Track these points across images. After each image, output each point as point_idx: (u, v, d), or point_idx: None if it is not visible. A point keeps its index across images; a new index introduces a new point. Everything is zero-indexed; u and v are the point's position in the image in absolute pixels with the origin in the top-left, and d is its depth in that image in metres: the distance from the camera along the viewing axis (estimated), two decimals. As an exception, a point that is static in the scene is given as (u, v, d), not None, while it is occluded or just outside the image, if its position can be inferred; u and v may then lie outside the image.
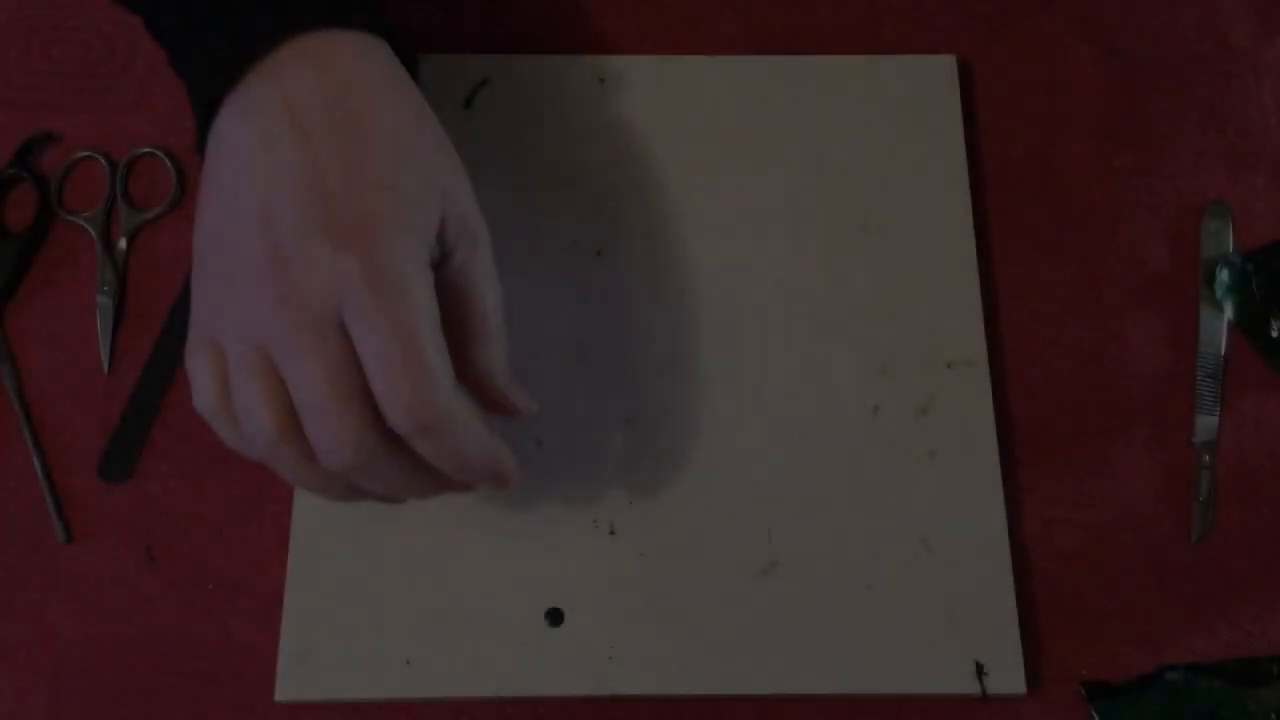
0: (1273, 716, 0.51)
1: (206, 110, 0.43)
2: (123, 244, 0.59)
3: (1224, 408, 0.57)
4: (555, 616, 0.51)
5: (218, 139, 0.42)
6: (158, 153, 0.60)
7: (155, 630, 0.52)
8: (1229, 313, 0.58)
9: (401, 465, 0.41)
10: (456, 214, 0.42)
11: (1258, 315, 0.57)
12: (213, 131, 0.43)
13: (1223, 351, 0.57)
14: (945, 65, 0.61)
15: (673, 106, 0.60)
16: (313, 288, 0.39)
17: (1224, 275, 0.58)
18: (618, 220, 0.58)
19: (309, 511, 0.53)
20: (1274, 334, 0.57)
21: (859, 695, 0.51)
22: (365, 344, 0.39)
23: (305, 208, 0.39)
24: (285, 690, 0.50)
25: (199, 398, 0.42)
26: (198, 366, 0.42)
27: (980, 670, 0.51)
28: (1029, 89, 0.62)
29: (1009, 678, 0.51)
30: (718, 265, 0.57)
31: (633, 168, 0.59)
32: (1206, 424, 0.56)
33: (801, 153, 0.59)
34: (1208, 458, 0.56)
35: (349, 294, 0.39)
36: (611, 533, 0.53)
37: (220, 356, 0.41)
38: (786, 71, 0.61)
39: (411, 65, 0.43)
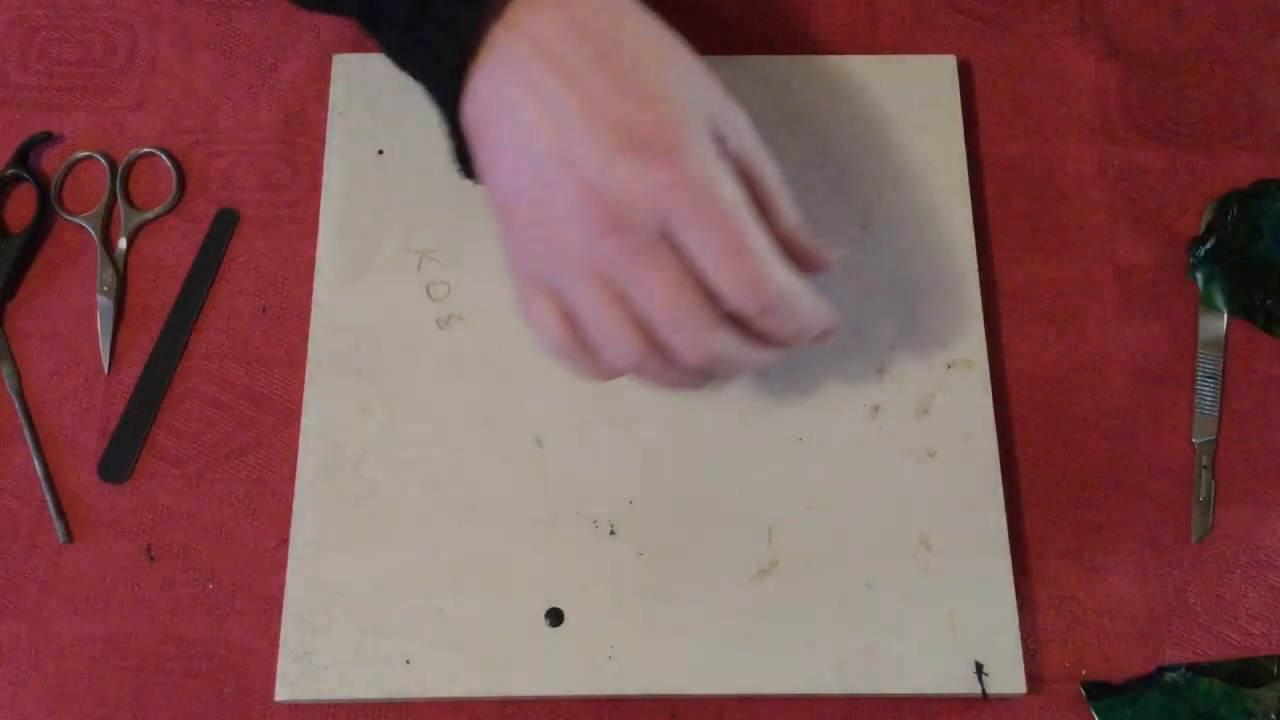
0: (1273, 716, 0.51)
1: (455, 85, 0.44)
2: (123, 244, 0.59)
3: (1224, 408, 0.57)
4: (555, 616, 0.51)
5: (482, 105, 0.43)
6: (158, 153, 0.60)
7: (155, 630, 0.52)
8: (1220, 303, 0.58)
9: (748, 344, 0.44)
10: (717, 104, 0.44)
11: (1244, 296, 0.58)
12: (471, 100, 0.44)
13: (1223, 351, 0.57)
14: (945, 65, 0.61)
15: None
16: (635, 209, 0.41)
17: (1199, 273, 0.58)
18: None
19: (309, 511, 0.53)
20: (1268, 304, 0.57)
21: (859, 695, 0.51)
22: (697, 245, 0.41)
23: (599, 138, 0.41)
24: (285, 690, 0.50)
25: (548, 339, 0.44)
26: (539, 311, 0.44)
27: (980, 670, 0.51)
28: (1029, 89, 0.62)
29: (1009, 678, 0.51)
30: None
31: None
32: (1206, 424, 0.56)
33: (802, 153, 0.59)
34: (1207, 458, 0.56)
35: (670, 204, 0.41)
36: (611, 533, 0.53)
37: (555, 296, 0.44)
38: (787, 71, 0.61)
39: None
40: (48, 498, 0.54)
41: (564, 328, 0.44)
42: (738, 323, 0.43)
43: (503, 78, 0.42)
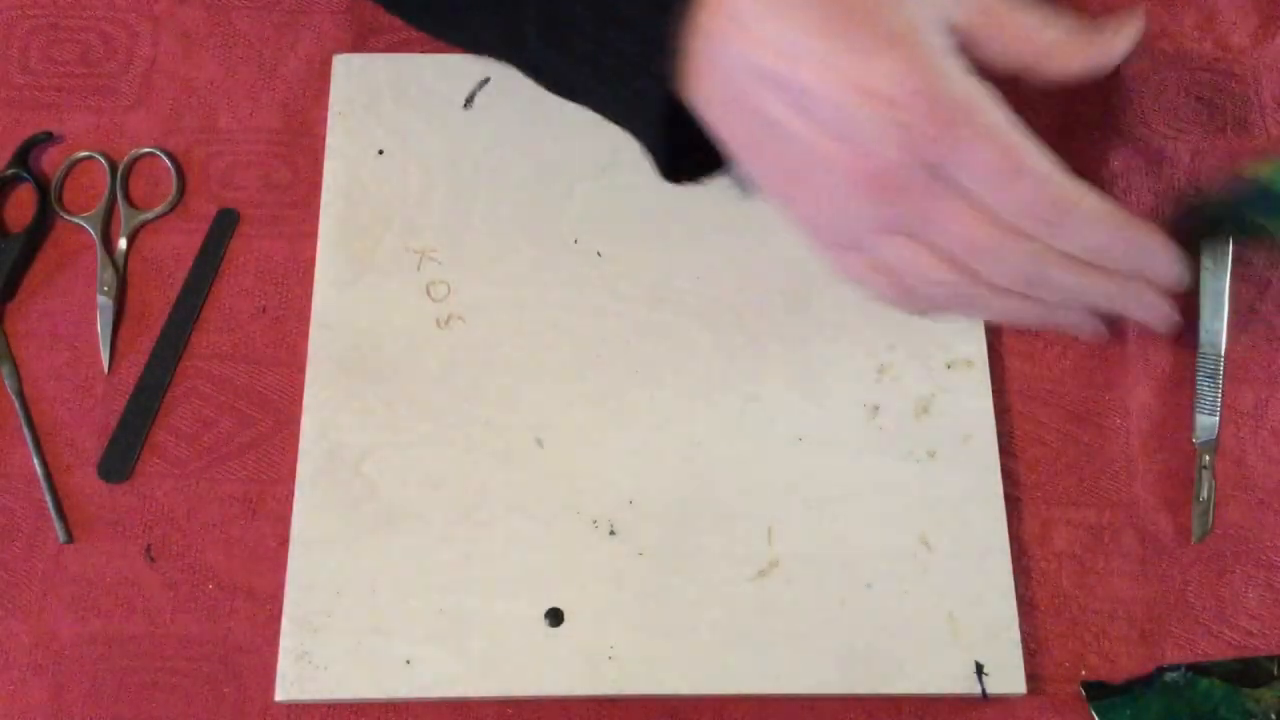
0: (1273, 716, 0.51)
1: (660, 102, 0.42)
2: (123, 244, 0.59)
3: (1224, 408, 0.57)
4: (555, 616, 0.51)
5: (713, 108, 0.42)
6: (158, 153, 0.60)
7: (155, 630, 0.52)
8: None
9: (1063, 261, 0.43)
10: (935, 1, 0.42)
11: None
12: (697, 103, 0.42)
13: (1222, 351, 0.57)
14: (945, 65, 0.61)
15: (673, 106, 0.60)
16: (907, 166, 0.39)
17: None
18: (618, 220, 0.58)
19: (309, 511, 0.53)
20: None
21: (859, 695, 0.51)
22: (977, 180, 0.40)
23: (846, 108, 0.39)
24: (285, 690, 0.50)
25: (873, 293, 0.45)
26: (855, 271, 0.45)
27: (980, 670, 0.51)
28: (1028, 88, 0.62)
29: (1009, 678, 0.51)
30: (718, 265, 0.57)
31: (633, 168, 0.59)
32: (1206, 424, 0.56)
33: (801, 153, 0.59)
34: (1208, 458, 0.56)
35: (937, 149, 0.39)
36: (611, 533, 0.53)
37: (864, 253, 0.43)
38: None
39: None
40: (48, 498, 0.54)
41: (883, 280, 0.44)
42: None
43: (721, 73, 0.40)
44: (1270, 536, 0.55)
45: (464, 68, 0.61)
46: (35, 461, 0.55)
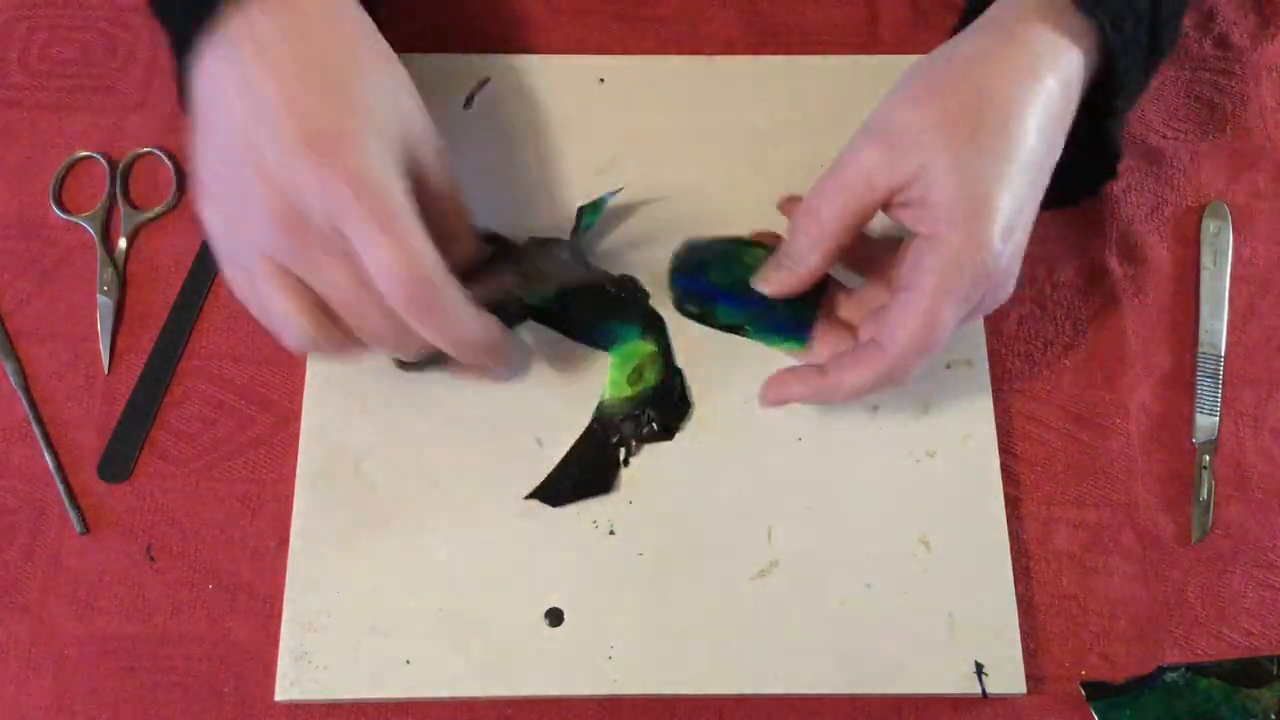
0: (1273, 716, 0.51)
1: (186, 53, 0.46)
2: (123, 244, 0.59)
3: (1224, 408, 0.57)
4: (555, 616, 0.51)
5: (202, 80, 0.46)
6: (158, 153, 0.60)
7: (155, 630, 0.52)
8: None
9: (415, 338, 0.47)
10: (414, 124, 0.47)
11: None
12: (197, 73, 0.46)
13: (1222, 351, 0.57)
14: (945, 65, 0.61)
15: (672, 106, 0.60)
16: (308, 204, 0.44)
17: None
18: (617, 218, 0.58)
19: (309, 511, 0.53)
20: None
21: (859, 695, 0.51)
22: (359, 242, 0.44)
23: (287, 136, 0.43)
24: (285, 690, 0.50)
25: (249, 307, 0.48)
26: (245, 297, 0.48)
27: (980, 670, 0.51)
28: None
29: (1009, 678, 0.51)
30: (718, 265, 0.57)
31: (632, 168, 0.59)
32: (1206, 424, 0.56)
33: (801, 153, 0.59)
34: (1208, 458, 0.56)
35: (338, 203, 0.43)
36: (611, 533, 0.53)
37: (246, 277, 0.47)
38: (786, 71, 0.61)
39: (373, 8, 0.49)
40: (61, 491, 0.54)
41: (254, 305, 0.48)
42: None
43: (220, 63, 0.45)
44: (1270, 536, 0.55)
45: (464, 67, 0.61)
46: (46, 457, 0.54)
